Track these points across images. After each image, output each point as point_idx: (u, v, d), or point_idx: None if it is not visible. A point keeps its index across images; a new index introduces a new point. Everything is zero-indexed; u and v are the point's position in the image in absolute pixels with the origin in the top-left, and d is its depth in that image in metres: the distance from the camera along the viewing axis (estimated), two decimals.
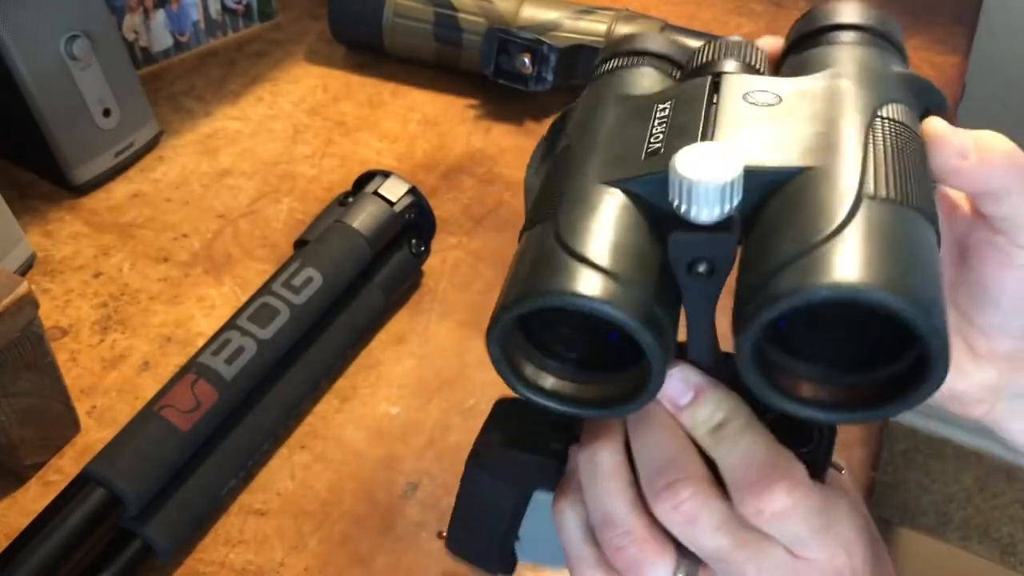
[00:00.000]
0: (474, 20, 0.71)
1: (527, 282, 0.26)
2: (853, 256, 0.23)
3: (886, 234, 0.24)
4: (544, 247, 0.27)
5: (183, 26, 0.74)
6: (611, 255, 0.26)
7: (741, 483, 0.28)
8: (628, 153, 0.29)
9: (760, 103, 0.29)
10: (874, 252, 0.24)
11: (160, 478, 0.42)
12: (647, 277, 0.26)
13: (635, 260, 0.26)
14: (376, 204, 0.54)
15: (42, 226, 0.61)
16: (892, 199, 0.25)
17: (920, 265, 0.24)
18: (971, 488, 1.58)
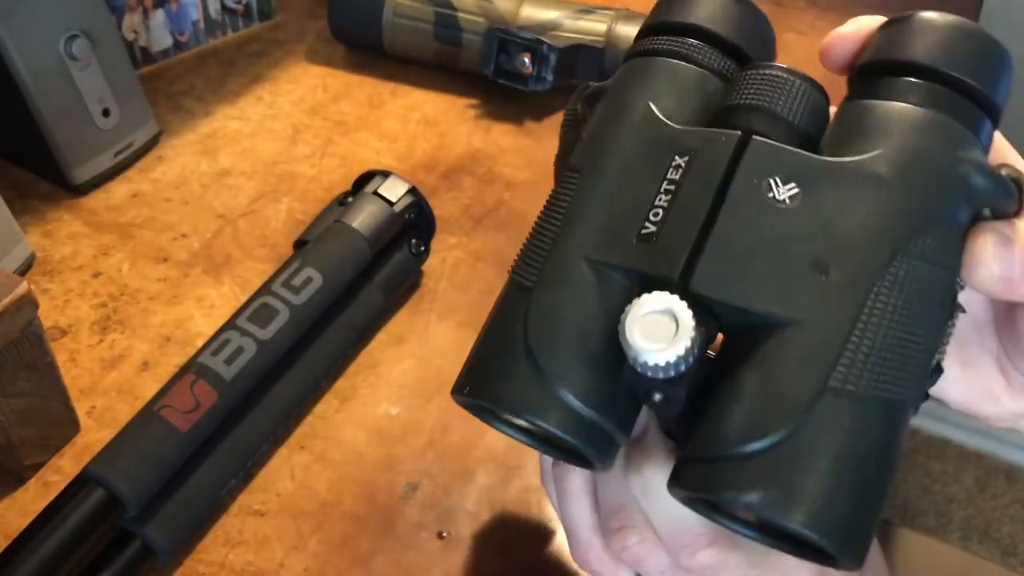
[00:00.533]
0: (474, 20, 0.71)
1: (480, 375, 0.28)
2: (783, 479, 0.23)
3: (829, 450, 0.24)
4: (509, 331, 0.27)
5: (183, 26, 0.74)
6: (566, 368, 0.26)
7: (670, 544, 0.31)
8: (623, 226, 0.27)
9: (778, 199, 0.26)
10: (804, 475, 0.23)
11: (160, 478, 0.42)
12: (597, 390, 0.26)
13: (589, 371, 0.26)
14: (376, 204, 0.54)
15: (41, 226, 0.61)
16: (861, 392, 0.24)
17: (856, 490, 0.24)
18: (972, 488, 1.58)
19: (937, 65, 0.27)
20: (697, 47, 0.30)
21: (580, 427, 0.26)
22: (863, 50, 0.29)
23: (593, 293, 0.27)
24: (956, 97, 0.27)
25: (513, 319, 0.28)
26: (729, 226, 0.26)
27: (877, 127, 0.27)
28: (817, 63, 0.31)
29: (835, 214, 0.25)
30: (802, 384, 0.24)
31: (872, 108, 0.27)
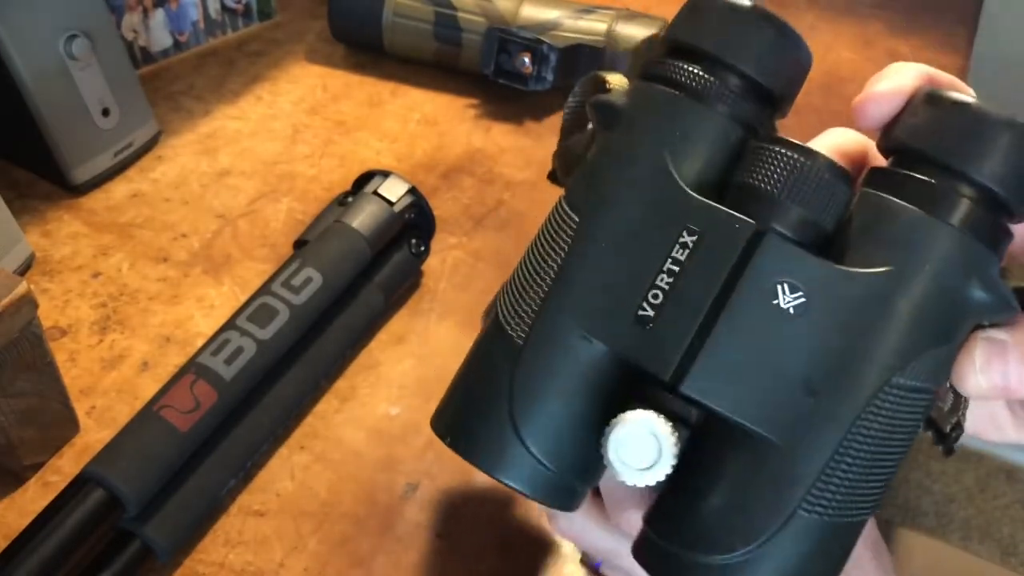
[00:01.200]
0: (474, 19, 0.71)
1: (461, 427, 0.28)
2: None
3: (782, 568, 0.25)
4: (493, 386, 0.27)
5: (182, 26, 0.74)
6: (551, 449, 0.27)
7: (608, 507, 0.32)
8: (620, 302, 0.26)
9: (781, 307, 0.24)
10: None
11: (159, 479, 0.42)
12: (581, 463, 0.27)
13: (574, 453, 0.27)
14: (376, 204, 0.54)
15: (41, 226, 0.61)
16: (824, 520, 0.24)
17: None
18: (972, 488, 1.58)
19: (989, 183, 0.24)
20: (731, 95, 0.27)
21: (554, 489, 0.28)
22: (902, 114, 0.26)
23: (582, 368, 0.27)
24: (994, 219, 0.25)
25: (498, 371, 0.28)
26: (729, 331, 0.25)
27: (897, 238, 0.25)
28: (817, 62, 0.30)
29: (835, 332, 0.24)
30: (773, 508, 0.24)
31: (896, 212, 0.25)
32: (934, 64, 0.31)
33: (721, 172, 0.27)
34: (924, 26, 0.83)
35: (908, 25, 0.84)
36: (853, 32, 0.83)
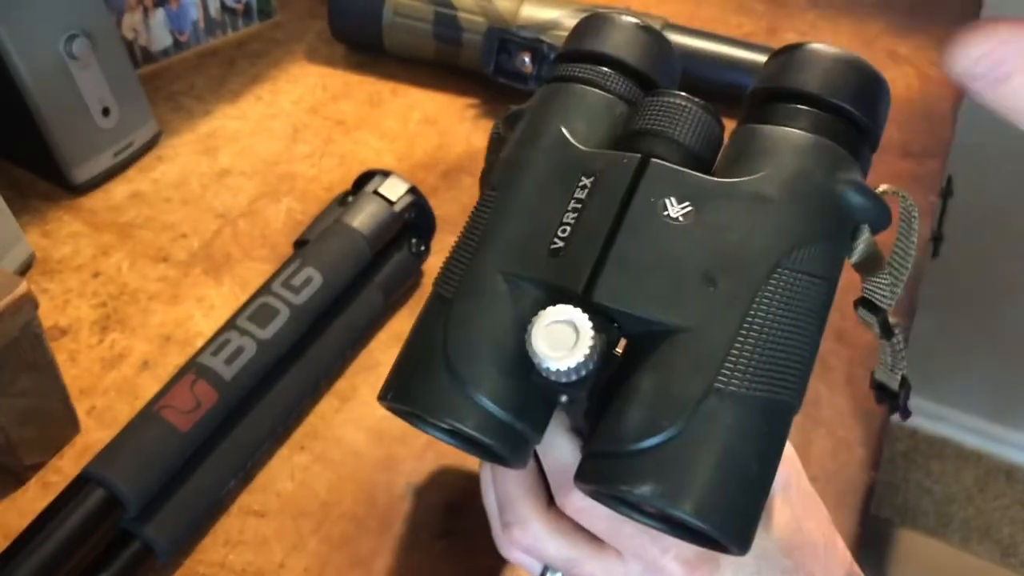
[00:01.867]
0: (474, 19, 0.71)
1: (403, 382, 0.30)
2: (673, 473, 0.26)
3: (715, 446, 0.26)
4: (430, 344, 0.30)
5: (183, 25, 0.74)
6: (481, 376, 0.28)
7: (552, 484, 0.33)
8: (534, 242, 0.30)
9: (672, 217, 0.29)
10: (693, 471, 0.26)
11: (160, 479, 0.42)
12: (511, 394, 0.28)
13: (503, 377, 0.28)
14: (376, 204, 0.54)
15: (41, 226, 0.61)
16: (744, 393, 0.27)
17: (741, 482, 0.26)
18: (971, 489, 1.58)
19: (821, 93, 0.30)
20: (606, 75, 0.33)
21: (496, 429, 0.28)
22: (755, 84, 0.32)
23: (506, 304, 0.29)
24: (838, 123, 0.30)
25: (433, 329, 0.30)
26: (628, 242, 0.28)
27: (765, 150, 0.29)
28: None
29: (724, 230, 0.28)
30: (690, 386, 0.27)
31: (761, 132, 0.30)
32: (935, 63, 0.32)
33: (611, 137, 0.31)
34: (924, 26, 0.83)
35: (908, 25, 0.84)
36: (853, 31, 0.83)
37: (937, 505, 1.56)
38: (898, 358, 0.36)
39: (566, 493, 0.33)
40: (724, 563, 0.32)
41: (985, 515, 1.54)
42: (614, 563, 0.33)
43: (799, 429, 0.51)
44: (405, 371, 0.31)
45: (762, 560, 0.32)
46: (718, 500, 0.26)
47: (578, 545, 0.34)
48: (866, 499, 0.50)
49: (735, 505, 0.26)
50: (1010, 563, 1.49)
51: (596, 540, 0.34)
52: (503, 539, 0.36)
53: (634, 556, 0.33)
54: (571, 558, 0.34)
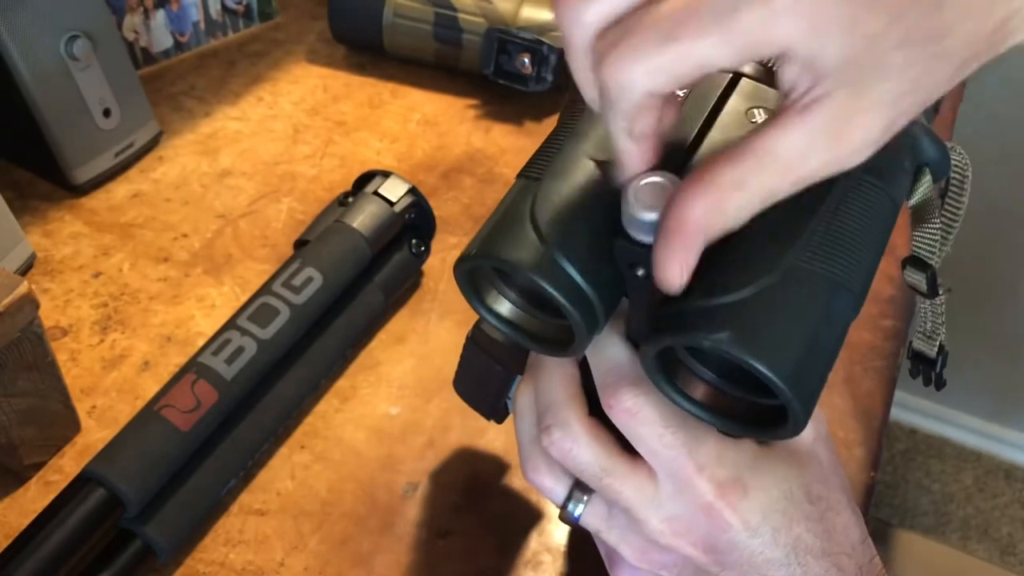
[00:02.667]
0: (474, 20, 0.71)
1: (489, 239, 0.31)
2: (749, 324, 0.27)
3: (789, 308, 0.28)
4: (517, 211, 0.31)
5: (183, 26, 0.74)
6: (565, 239, 0.29)
7: (600, 384, 0.33)
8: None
9: (757, 121, 0.31)
10: (768, 324, 0.27)
11: (160, 478, 0.42)
12: (591, 263, 0.29)
13: (585, 244, 0.29)
14: (376, 204, 0.54)
15: (42, 226, 0.61)
16: (815, 270, 0.28)
17: (808, 345, 0.28)
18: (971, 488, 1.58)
19: None
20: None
21: (573, 294, 0.29)
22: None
23: (596, 183, 0.30)
24: None
25: (521, 202, 0.31)
26: (717, 137, 0.31)
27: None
28: None
29: None
30: (766, 255, 0.28)
31: None
32: None
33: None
34: None
35: None
36: None
37: (936, 504, 1.56)
38: (938, 322, 0.37)
39: (614, 393, 0.32)
40: (753, 492, 0.32)
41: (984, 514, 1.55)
42: (646, 482, 0.33)
43: None
44: (491, 233, 0.31)
45: (788, 501, 0.33)
46: (790, 356, 0.27)
47: (613, 456, 0.33)
48: (866, 499, 0.50)
49: (805, 366, 0.27)
50: (1009, 562, 1.49)
51: (632, 456, 0.33)
52: (532, 452, 0.36)
53: (668, 473, 0.33)
54: (605, 467, 0.33)
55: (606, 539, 0.35)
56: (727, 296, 0.28)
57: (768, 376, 0.27)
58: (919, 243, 0.35)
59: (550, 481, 0.36)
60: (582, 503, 0.35)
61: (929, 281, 0.35)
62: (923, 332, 0.39)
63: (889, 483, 1.58)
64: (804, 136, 0.25)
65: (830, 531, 0.33)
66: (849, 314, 0.29)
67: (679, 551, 0.33)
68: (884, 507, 1.55)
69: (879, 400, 0.54)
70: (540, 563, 0.46)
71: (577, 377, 0.35)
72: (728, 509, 0.32)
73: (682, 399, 0.31)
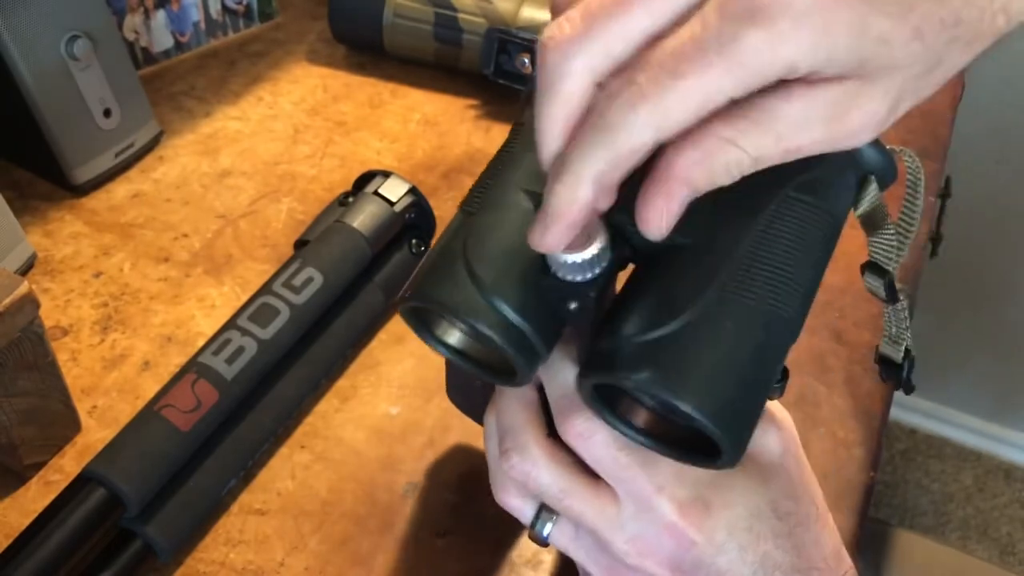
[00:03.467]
0: (474, 20, 0.71)
1: (425, 282, 0.31)
2: (672, 362, 0.27)
3: (715, 342, 0.27)
4: (451, 251, 0.31)
5: (184, 26, 0.74)
6: (497, 279, 0.29)
7: (554, 409, 0.34)
8: None
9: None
10: (691, 362, 0.27)
11: (160, 478, 0.42)
12: (526, 300, 0.30)
13: (518, 283, 0.30)
14: (376, 204, 0.54)
15: (42, 226, 0.61)
16: (743, 300, 0.28)
17: (734, 378, 0.27)
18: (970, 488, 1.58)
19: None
20: None
21: (509, 333, 0.29)
22: None
23: (526, 216, 0.30)
24: None
25: (455, 239, 0.31)
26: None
27: None
28: None
29: None
30: (693, 288, 0.28)
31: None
32: None
33: None
34: None
35: None
36: None
37: (936, 504, 1.56)
38: (902, 327, 0.37)
39: (567, 417, 0.33)
40: (716, 510, 0.32)
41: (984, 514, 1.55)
42: (607, 504, 0.33)
43: (798, 428, 0.51)
44: (427, 275, 0.31)
45: (754, 518, 0.33)
46: (716, 393, 0.27)
47: (573, 477, 0.34)
48: (865, 499, 0.50)
49: (732, 401, 0.27)
50: (1008, 562, 1.49)
51: (592, 478, 0.34)
52: (498, 474, 0.36)
53: (627, 494, 0.33)
54: (564, 489, 0.34)
55: (575, 557, 0.36)
56: (650, 333, 0.28)
57: (691, 415, 0.27)
58: (876, 249, 0.34)
59: (517, 502, 0.36)
60: (550, 522, 0.35)
61: (887, 287, 0.35)
62: (888, 337, 0.39)
63: (889, 483, 1.59)
64: (805, 108, 0.25)
65: (799, 546, 0.33)
66: (784, 338, 0.29)
67: (646, 570, 0.33)
68: (884, 507, 1.55)
69: (879, 400, 0.54)
70: (540, 563, 0.46)
71: (536, 401, 0.35)
72: (691, 528, 0.32)
73: (625, 427, 0.31)
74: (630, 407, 0.31)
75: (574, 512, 0.34)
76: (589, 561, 0.35)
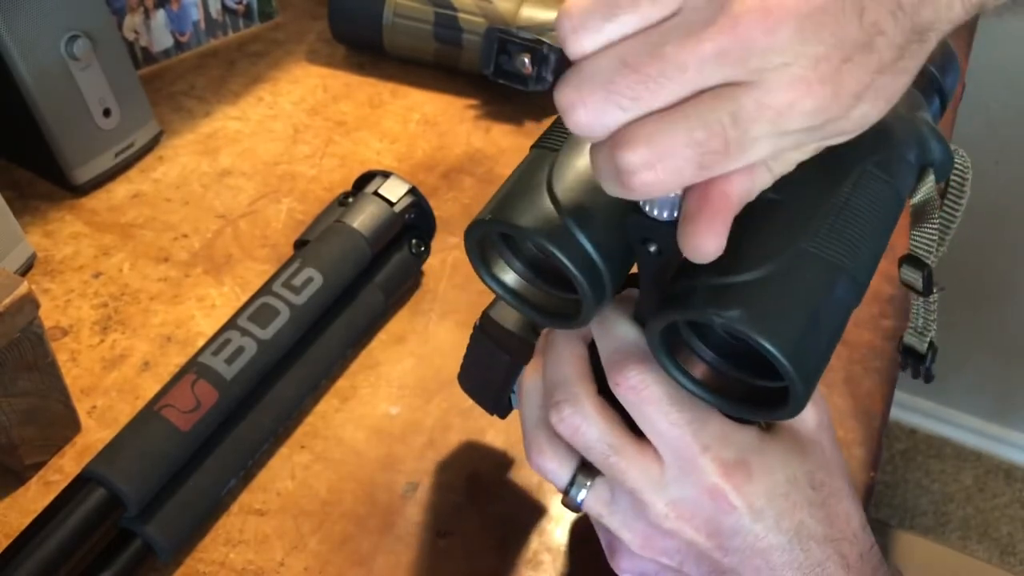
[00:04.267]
0: (474, 20, 0.71)
1: (504, 203, 0.31)
2: (759, 304, 0.28)
3: (796, 291, 0.29)
4: (533, 178, 0.32)
5: (183, 26, 0.74)
6: (580, 209, 0.30)
7: (607, 362, 0.34)
8: None
9: None
10: (776, 305, 0.28)
11: (160, 478, 0.42)
12: (603, 234, 0.30)
13: (600, 216, 0.30)
14: (376, 204, 0.54)
15: (42, 226, 0.61)
16: (823, 256, 0.29)
17: (813, 327, 0.29)
18: (970, 488, 1.58)
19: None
20: None
21: (584, 263, 0.30)
22: None
23: None
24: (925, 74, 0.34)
25: (538, 170, 0.32)
26: None
27: None
28: None
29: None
30: (777, 240, 0.29)
31: None
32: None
33: None
34: None
35: None
36: None
37: (936, 504, 1.56)
38: (930, 319, 0.38)
39: (620, 370, 0.33)
40: (757, 475, 0.33)
41: (984, 514, 1.55)
42: (651, 464, 0.33)
43: None
44: (507, 199, 0.32)
45: (792, 486, 0.33)
46: (794, 336, 0.28)
47: (621, 435, 0.34)
48: (865, 499, 0.50)
49: (807, 347, 0.28)
50: (1009, 562, 1.49)
51: (639, 438, 0.34)
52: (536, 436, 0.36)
53: (673, 453, 0.33)
54: (612, 445, 0.33)
55: (608, 524, 0.35)
56: (738, 276, 0.29)
57: (774, 354, 0.27)
58: (917, 242, 0.36)
59: (554, 464, 0.36)
60: (585, 488, 0.35)
61: (925, 280, 0.36)
62: (915, 328, 0.40)
63: (889, 483, 1.58)
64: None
65: (832, 518, 0.33)
66: (852, 301, 0.30)
67: (682, 536, 0.33)
68: (884, 507, 1.55)
69: (879, 400, 0.54)
70: (540, 563, 0.46)
71: (586, 356, 0.35)
72: (733, 491, 0.32)
73: (683, 377, 0.31)
74: (689, 359, 0.32)
75: (618, 470, 0.34)
76: (624, 527, 0.35)
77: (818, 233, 0.30)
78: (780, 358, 0.28)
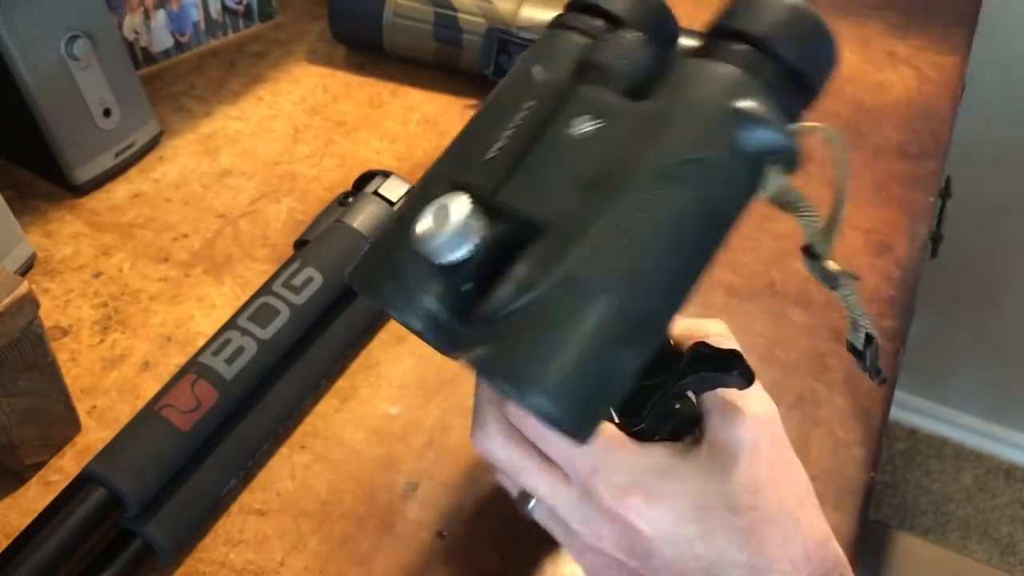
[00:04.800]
0: (474, 20, 0.71)
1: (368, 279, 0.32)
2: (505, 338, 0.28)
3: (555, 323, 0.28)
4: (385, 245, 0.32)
5: (183, 26, 0.74)
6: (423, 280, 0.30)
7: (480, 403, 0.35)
8: (478, 153, 0.33)
9: (579, 133, 0.31)
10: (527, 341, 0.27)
11: (160, 478, 0.42)
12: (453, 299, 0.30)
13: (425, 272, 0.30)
14: (376, 204, 0.54)
15: (42, 226, 0.61)
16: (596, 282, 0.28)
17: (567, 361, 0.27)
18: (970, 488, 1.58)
19: (741, 27, 0.31)
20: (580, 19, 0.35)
21: (437, 329, 0.31)
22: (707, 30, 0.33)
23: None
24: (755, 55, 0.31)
25: (388, 231, 0.33)
26: (538, 154, 0.31)
27: (683, 77, 0.31)
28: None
29: (617, 144, 0.30)
30: (542, 270, 0.28)
31: (687, 63, 0.32)
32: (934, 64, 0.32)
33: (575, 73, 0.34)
34: (923, 26, 0.84)
35: (907, 25, 0.84)
36: (852, 32, 0.84)
37: (936, 504, 1.56)
38: (855, 313, 0.35)
39: (503, 399, 0.34)
40: (657, 500, 0.32)
41: (984, 514, 1.55)
42: (560, 485, 0.33)
43: (798, 428, 0.52)
44: (368, 265, 0.33)
45: (706, 510, 0.32)
46: (548, 372, 0.27)
47: (525, 456, 0.34)
48: (865, 500, 0.50)
49: (568, 382, 0.27)
50: (1009, 562, 1.49)
51: (545, 458, 0.34)
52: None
53: (572, 474, 0.33)
54: (517, 467, 0.34)
55: (555, 537, 0.36)
56: (496, 312, 0.28)
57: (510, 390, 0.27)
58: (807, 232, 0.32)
59: (506, 478, 0.37)
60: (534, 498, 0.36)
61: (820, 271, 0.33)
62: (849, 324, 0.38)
63: (889, 483, 1.59)
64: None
65: (760, 544, 0.32)
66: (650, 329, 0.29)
67: (605, 552, 0.34)
68: (884, 507, 1.55)
69: (879, 400, 0.54)
70: (540, 563, 0.46)
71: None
72: (630, 514, 0.32)
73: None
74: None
75: (531, 488, 0.34)
76: (564, 540, 0.36)
77: (592, 260, 0.28)
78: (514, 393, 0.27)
